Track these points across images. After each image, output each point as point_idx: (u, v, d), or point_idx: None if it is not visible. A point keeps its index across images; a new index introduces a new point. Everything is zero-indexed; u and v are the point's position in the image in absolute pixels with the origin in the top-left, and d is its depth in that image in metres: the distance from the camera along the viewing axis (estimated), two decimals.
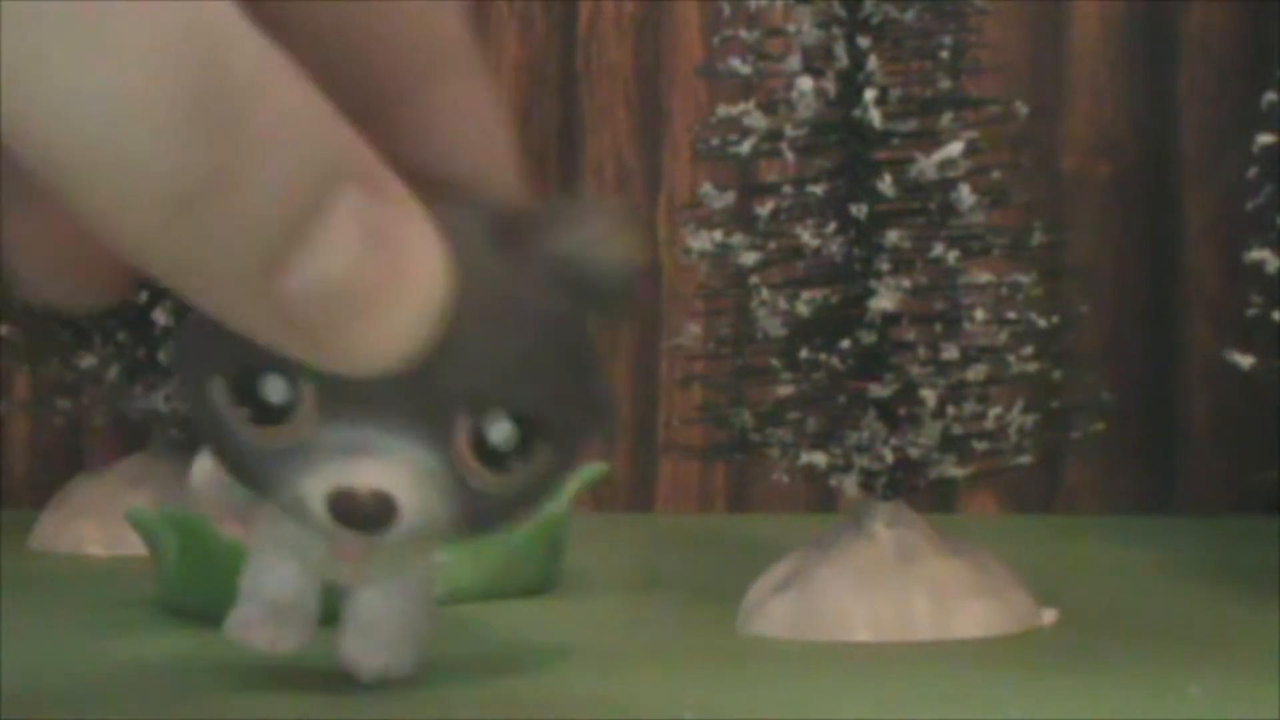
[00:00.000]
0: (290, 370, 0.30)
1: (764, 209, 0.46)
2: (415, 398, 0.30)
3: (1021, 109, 0.47)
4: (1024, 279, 0.46)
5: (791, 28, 0.46)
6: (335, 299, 0.27)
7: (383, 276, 0.27)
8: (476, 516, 0.32)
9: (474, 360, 0.30)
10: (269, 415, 0.30)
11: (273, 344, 0.28)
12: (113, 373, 0.66)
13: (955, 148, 0.44)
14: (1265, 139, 0.48)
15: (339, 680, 0.37)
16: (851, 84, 0.45)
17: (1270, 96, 0.48)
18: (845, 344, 0.44)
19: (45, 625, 0.47)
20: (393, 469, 0.31)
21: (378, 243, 0.27)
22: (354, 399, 0.30)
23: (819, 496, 0.76)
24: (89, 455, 0.83)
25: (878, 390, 0.44)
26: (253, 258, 0.26)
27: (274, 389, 0.30)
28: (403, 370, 0.30)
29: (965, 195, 0.45)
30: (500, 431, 0.31)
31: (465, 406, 0.30)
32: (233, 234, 0.26)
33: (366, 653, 0.37)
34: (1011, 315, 0.45)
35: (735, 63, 0.47)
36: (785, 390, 0.46)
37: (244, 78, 0.25)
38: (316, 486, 0.31)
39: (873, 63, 0.45)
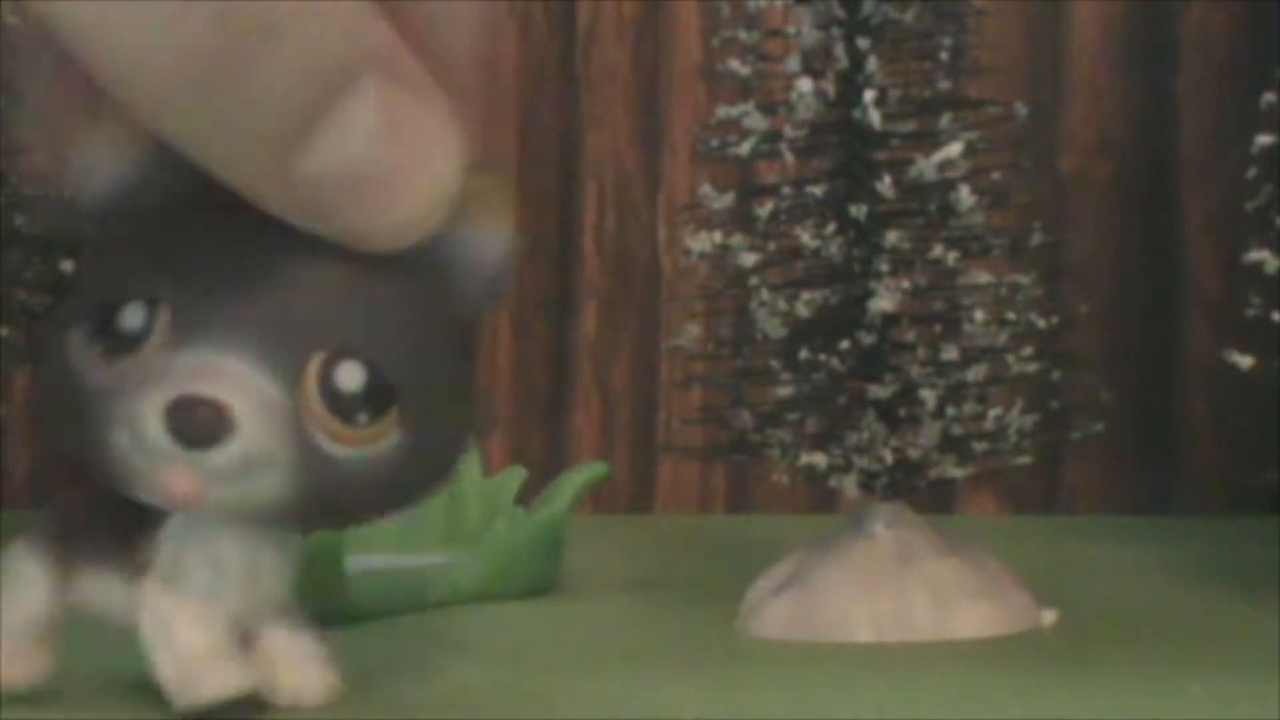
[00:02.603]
0: (150, 295, 0.31)
1: (763, 210, 0.46)
2: (274, 327, 0.31)
3: (1021, 109, 0.47)
4: (1023, 279, 0.46)
5: (791, 29, 0.46)
6: (349, 182, 0.28)
7: (396, 162, 0.28)
8: (318, 482, 0.31)
9: (343, 305, 0.31)
10: (121, 345, 0.31)
11: (291, 219, 0.29)
12: None
13: (955, 148, 0.45)
14: (1265, 139, 0.48)
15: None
16: (851, 85, 0.45)
17: (1270, 96, 0.48)
18: (845, 345, 0.44)
19: None
20: (234, 388, 0.31)
21: (393, 130, 0.28)
22: (210, 323, 0.31)
23: (819, 497, 0.76)
24: None
25: (877, 391, 0.44)
26: (269, 139, 0.27)
27: (131, 316, 0.31)
28: (269, 299, 0.31)
29: (965, 196, 0.45)
30: (350, 373, 0.31)
31: (321, 345, 0.31)
32: (248, 115, 0.27)
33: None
34: (1011, 316, 0.45)
35: (734, 64, 0.47)
36: (785, 391, 0.46)
37: None
38: (155, 399, 0.31)
39: (872, 64, 0.45)
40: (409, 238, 0.30)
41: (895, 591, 0.44)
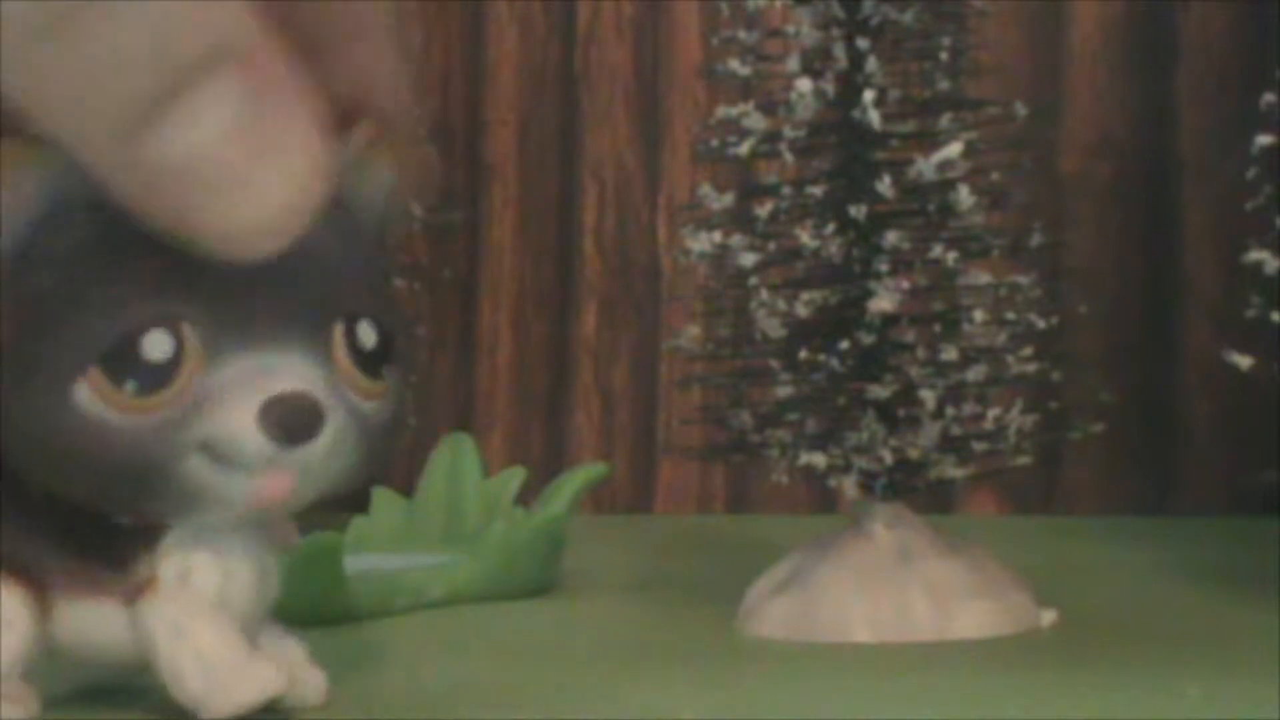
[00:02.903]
0: (169, 319, 0.30)
1: (763, 210, 0.46)
2: (298, 311, 0.31)
3: (1021, 110, 0.47)
4: (1023, 280, 0.46)
5: (790, 29, 0.46)
6: (196, 173, 0.27)
7: (248, 161, 0.27)
8: (365, 445, 0.32)
9: (334, 272, 0.32)
10: (155, 377, 0.30)
11: (136, 208, 0.28)
12: None
13: (954, 149, 0.45)
14: (1265, 140, 0.48)
15: (334, 681, 0.37)
16: (850, 85, 0.45)
17: (1270, 97, 0.48)
18: (844, 345, 0.44)
19: None
20: (299, 379, 0.31)
21: (249, 127, 0.27)
22: (242, 328, 0.31)
23: (818, 497, 0.76)
24: None
25: (877, 391, 0.44)
26: (116, 112, 0.26)
27: (157, 345, 0.30)
28: (284, 286, 0.31)
29: (964, 196, 0.45)
30: (366, 332, 0.32)
31: (337, 315, 0.32)
32: (96, 79, 0.25)
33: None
34: (1011, 316, 0.45)
35: (734, 64, 0.47)
36: (784, 391, 0.46)
37: None
38: (241, 409, 0.30)
39: (872, 64, 0.45)
40: (262, 243, 0.28)
41: (894, 592, 0.44)
